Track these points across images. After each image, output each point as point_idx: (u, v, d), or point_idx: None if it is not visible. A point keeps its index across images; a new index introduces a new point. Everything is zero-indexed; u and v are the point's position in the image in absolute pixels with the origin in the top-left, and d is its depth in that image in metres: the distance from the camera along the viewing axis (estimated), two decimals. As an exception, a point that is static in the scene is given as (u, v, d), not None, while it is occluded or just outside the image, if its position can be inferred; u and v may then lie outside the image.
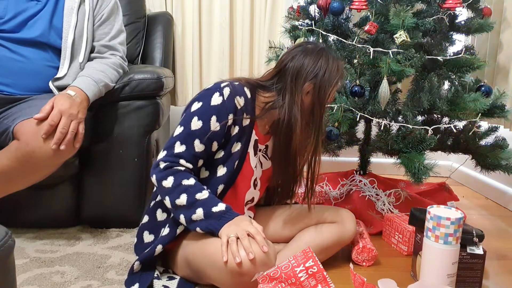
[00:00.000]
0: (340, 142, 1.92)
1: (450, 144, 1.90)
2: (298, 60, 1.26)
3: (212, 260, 1.13)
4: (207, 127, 1.19)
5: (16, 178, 1.36)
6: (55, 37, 1.54)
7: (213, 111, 1.20)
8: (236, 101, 1.22)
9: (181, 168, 1.19)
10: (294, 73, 1.25)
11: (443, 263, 1.23)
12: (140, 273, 1.23)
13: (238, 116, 1.23)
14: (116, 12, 1.68)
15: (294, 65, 1.26)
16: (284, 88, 1.26)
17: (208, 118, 1.19)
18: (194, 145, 1.20)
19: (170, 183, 1.17)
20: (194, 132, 1.19)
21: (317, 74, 1.25)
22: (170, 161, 1.19)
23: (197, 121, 1.20)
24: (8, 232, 0.73)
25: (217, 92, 1.21)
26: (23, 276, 1.32)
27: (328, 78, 1.26)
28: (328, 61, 1.26)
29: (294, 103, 1.25)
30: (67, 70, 1.53)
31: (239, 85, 1.26)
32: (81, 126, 1.37)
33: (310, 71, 1.25)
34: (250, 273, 1.07)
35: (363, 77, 1.74)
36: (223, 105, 1.20)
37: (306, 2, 1.98)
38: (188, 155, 1.20)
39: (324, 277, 1.11)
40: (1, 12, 1.51)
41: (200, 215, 1.16)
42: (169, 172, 1.18)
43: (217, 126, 1.20)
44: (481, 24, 1.82)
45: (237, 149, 1.25)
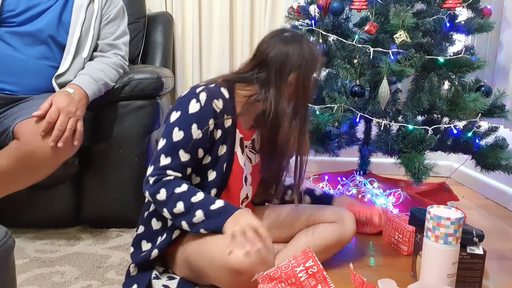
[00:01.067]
0: (340, 142, 1.92)
1: (450, 144, 1.90)
2: (280, 50, 1.22)
3: (211, 259, 1.12)
4: (189, 136, 1.18)
5: (16, 178, 1.36)
6: (63, 33, 1.56)
7: (192, 119, 1.18)
8: (214, 105, 1.20)
9: (170, 178, 1.18)
10: (278, 64, 1.22)
11: (443, 263, 1.23)
12: (138, 274, 1.24)
13: (217, 118, 1.21)
14: (122, 15, 1.71)
15: (277, 56, 1.22)
16: (268, 80, 1.23)
17: (188, 126, 1.18)
18: (179, 156, 1.18)
19: (164, 195, 1.16)
20: (177, 143, 1.18)
21: (301, 64, 1.22)
22: (157, 174, 1.17)
23: (178, 131, 1.18)
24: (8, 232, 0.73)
25: (193, 98, 1.19)
26: (23, 276, 1.32)
27: (311, 66, 1.24)
28: (307, 48, 1.24)
29: (280, 95, 1.22)
30: (69, 65, 1.53)
31: (215, 86, 1.23)
32: (79, 124, 1.37)
33: (294, 61, 1.22)
34: (248, 272, 1.07)
35: (363, 77, 1.74)
36: (201, 111, 1.18)
37: (306, 2, 1.98)
38: (174, 165, 1.18)
39: (324, 277, 1.11)
40: (14, 4, 1.53)
41: (200, 216, 1.15)
42: (160, 185, 1.17)
43: (199, 133, 1.18)
44: (481, 24, 1.82)
45: (224, 151, 1.24)
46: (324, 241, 1.37)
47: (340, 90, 1.84)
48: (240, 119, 1.29)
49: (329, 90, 1.83)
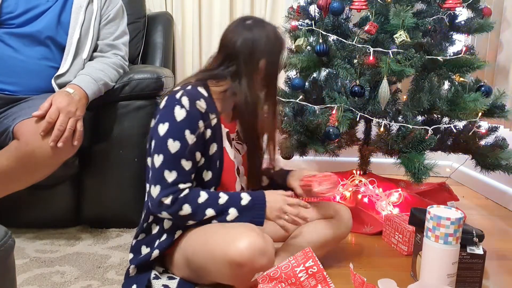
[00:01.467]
0: (340, 142, 1.92)
1: (450, 144, 1.90)
2: (246, 38, 1.22)
3: (212, 254, 1.13)
4: (185, 143, 1.16)
5: (16, 178, 1.36)
6: (62, 33, 1.56)
7: (183, 126, 1.17)
8: (198, 107, 1.19)
9: (186, 192, 1.17)
10: (246, 53, 1.21)
11: (443, 263, 1.23)
12: (137, 275, 1.24)
13: (204, 119, 1.21)
14: (122, 15, 1.71)
15: (244, 45, 1.21)
16: (239, 71, 1.23)
17: (182, 134, 1.16)
18: (183, 166, 1.17)
19: (189, 209, 1.16)
20: (177, 154, 1.16)
21: (268, 49, 1.23)
22: (171, 192, 1.16)
23: (173, 142, 1.16)
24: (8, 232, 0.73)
25: (177, 105, 1.17)
26: (23, 276, 1.32)
27: (278, 49, 1.26)
28: (273, 33, 1.25)
29: (253, 84, 1.23)
30: (69, 66, 1.53)
31: (193, 88, 1.22)
32: (79, 124, 1.37)
33: (262, 47, 1.22)
34: (249, 264, 1.08)
35: (363, 77, 1.74)
36: (189, 116, 1.17)
37: (306, 2, 1.98)
38: (182, 177, 1.17)
39: (324, 277, 1.11)
40: (12, 6, 1.53)
41: (234, 214, 1.18)
42: (180, 202, 1.16)
43: (193, 138, 1.17)
44: (481, 24, 1.82)
45: (215, 149, 1.25)
46: (321, 237, 1.37)
47: (340, 90, 1.84)
48: (223, 115, 1.30)
49: (329, 90, 1.83)
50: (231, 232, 1.13)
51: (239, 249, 1.08)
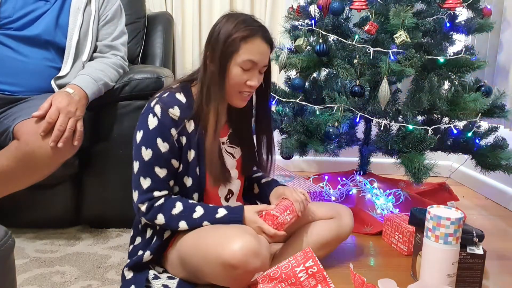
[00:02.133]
0: (340, 142, 1.92)
1: (450, 144, 1.90)
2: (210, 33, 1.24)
3: (205, 256, 1.13)
4: (157, 151, 1.17)
5: (16, 178, 1.36)
6: (61, 36, 1.55)
7: (155, 134, 1.17)
8: (171, 114, 1.18)
9: (161, 201, 1.19)
10: (204, 49, 1.23)
11: (443, 263, 1.23)
12: (134, 276, 1.24)
13: (178, 127, 1.19)
14: (120, 15, 1.70)
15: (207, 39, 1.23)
16: (202, 65, 1.23)
17: (154, 143, 1.17)
18: (156, 173, 1.18)
19: (162, 219, 1.19)
20: (149, 162, 1.18)
21: (211, 37, 1.21)
22: (146, 199, 1.18)
23: (146, 150, 1.18)
24: (8, 232, 0.73)
25: (150, 114, 1.18)
26: (23, 276, 1.32)
27: (222, 37, 1.18)
28: (227, 21, 1.20)
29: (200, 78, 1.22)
30: (70, 68, 1.53)
31: (169, 94, 1.21)
32: (79, 124, 1.37)
33: (209, 37, 1.22)
34: (242, 266, 1.07)
35: (363, 77, 1.74)
36: (160, 124, 1.17)
37: (306, 2, 1.98)
38: (156, 184, 1.19)
39: (324, 277, 1.11)
40: (10, 11, 1.52)
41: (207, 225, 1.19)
42: (154, 211, 1.19)
43: (166, 146, 1.18)
44: (481, 24, 1.82)
45: (193, 156, 1.23)
46: (322, 238, 1.36)
47: (340, 90, 1.84)
48: None
49: (329, 90, 1.83)
50: (225, 234, 1.13)
51: (232, 251, 1.07)
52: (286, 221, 1.22)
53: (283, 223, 1.21)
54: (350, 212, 1.42)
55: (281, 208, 1.24)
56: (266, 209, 1.23)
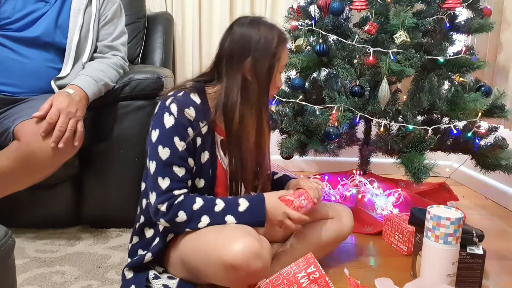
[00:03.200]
0: (340, 142, 1.92)
1: (450, 144, 1.90)
2: (231, 38, 1.18)
3: (206, 256, 1.12)
4: (175, 150, 1.15)
5: (17, 178, 1.36)
6: (61, 37, 1.55)
7: (172, 133, 1.16)
8: (186, 115, 1.17)
9: (181, 198, 1.16)
10: (228, 54, 1.17)
11: (443, 263, 1.23)
12: (134, 276, 1.23)
13: (193, 127, 1.18)
14: (120, 14, 1.70)
15: (228, 45, 1.18)
16: (223, 71, 1.19)
17: (171, 141, 1.15)
18: (175, 172, 1.16)
19: (184, 216, 1.15)
20: (167, 161, 1.15)
21: (251, 47, 1.16)
22: (166, 199, 1.15)
23: (163, 149, 1.15)
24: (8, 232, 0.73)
25: (165, 113, 1.16)
26: (23, 276, 1.32)
27: (264, 47, 1.16)
28: (260, 29, 1.16)
29: (231, 87, 1.17)
30: (70, 70, 1.53)
31: (184, 94, 1.19)
32: (79, 124, 1.37)
33: (244, 45, 1.16)
34: (243, 267, 1.06)
35: (363, 77, 1.74)
36: (177, 122, 1.16)
37: (306, 2, 1.98)
38: (175, 184, 1.16)
39: (326, 282, 1.10)
40: (9, 12, 1.52)
41: (232, 221, 1.16)
42: (175, 209, 1.15)
43: (183, 145, 1.16)
44: (481, 24, 1.82)
45: (206, 158, 1.23)
46: (322, 238, 1.36)
47: (340, 90, 1.84)
48: (218, 121, 1.25)
49: (329, 90, 1.83)
50: (226, 235, 1.11)
51: (233, 252, 1.06)
52: (302, 205, 1.23)
53: (299, 206, 1.22)
54: (350, 213, 1.42)
55: (296, 194, 1.25)
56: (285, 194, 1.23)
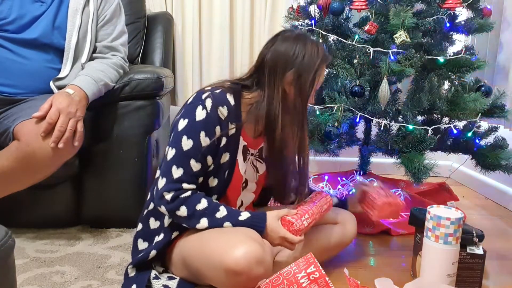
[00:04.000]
0: (340, 142, 1.92)
1: (450, 144, 1.90)
2: (276, 49, 1.19)
3: (208, 260, 1.12)
4: (198, 144, 1.15)
5: (17, 178, 1.36)
6: (59, 38, 1.54)
7: (200, 127, 1.16)
8: (219, 112, 1.17)
9: (188, 194, 1.16)
10: (271, 64, 1.19)
11: (443, 263, 1.23)
12: (136, 275, 1.23)
13: (222, 126, 1.18)
14: (119, 14, 1.69)
15: (272, 55, 1.19)
16: (263, 82, 1.20)
17: (197, 134, 1.15)
18: (190, 166, 1.16)
19: (185, 212, 1.15)
20: (187, 152, 1.15)
21: (295, 61, 1.18)
22: (173, 189, 1.15)
23: (187, 140, 1.15)
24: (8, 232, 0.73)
25: (199, 105, 1.16)
26: (23, 276, 1.32)
27: (308, 63, 1.18)
28: (306, 45, 1.19)
29: (273, 97, 1.19)
30: (69, 70, 1.53)
31: (221, 92, 1.20)
32: (79, 125, 1.37)
33: (288, 58, 1.18)
34: (245, 272, 1.06)
35: (363, 77, 1.74)
36: (208, 118, 1.16)
37: (306, 2, 1.98)
38: (187, 177, 1.16)
39: (326, 282, 1.10)
40: (6, 12, 1.51)
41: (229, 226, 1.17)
42: (178, 202, 1.15)
43: (208, 141, 1.16)
44: (481, 24, 1.82)
45: (226, 159, 1.23)
46: (326, 243, 1.37)
47: (340, 90, 1.84)
48: (245, 127, 1.26)
49: (329, 90, 1.83)
50: (229, 239, 1.11)
51: (235, 257, 1.06)
52: (303, 227, 1.20)
53: (298, 230, 1.19)
54: (354, 219, 1.43)
55: (299, 213, 1.22)
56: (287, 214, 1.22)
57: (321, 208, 1.29)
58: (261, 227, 1.17)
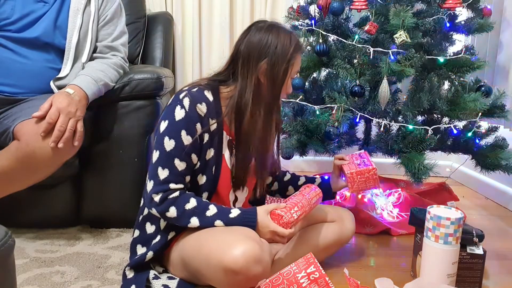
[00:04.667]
0: (340, 142, 1.92)
1: (450, 144, 1.90)
2: (248, 40, 1.21)
3: (207, 259, 1.12)
4: (180, 143, 1.17)
5: (17, 178, 1.36)
6: (60, 38, 1.55)
7: (180, 126, 1.17)
8: (198, 110, 1.18)
9: (176, 194, 1.17)
10: (245, 55, 1.21)
11: (443, 263, 1.23)
12: (134, 275, 1.23)
13: (203, 123, 1.20)
14: (120, 14, 1.70)
15: (245, 47, 1.21)
16: (238, 73, 1.22)
17: (178, 134, 1.17)
18: (175, 165, 1.17)
19: (174, 212, 1.17)
20: (171, 153, 1.17)
21: (268, 51, 1.19)
22: (161, 190, 1.17)
23: (169, 140, 1.17)
24: (8, 232, 0.73)
25: (178, 105, 1.18)
26: (23, 276, 1.32)
27: (281, 52, 1.20)
28: (279, 35, 1.20)
29: (246, 87, 1.20)
30: (70, 70, 1.53)
31: (198, 90, 1.21)
32: (79, 124, 1.37)
33: (261, 49, 1.19)
34: (243, 271, 1.07)
35: (363, 77, 1.74)
36: (187, 116, 1.17)
37: (306, 2, 1.98)
38: (174, 177, 1.17)
39: (326, 282, 1.10)
40: (8, 12, 1.51)
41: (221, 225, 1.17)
42: (167, 203, 1.17)
43: (190, 139, 1.17)
44: (481, 24, 1.82)
45: (212, 155, 1.24)
46: (324, 241, 1.37)
47: (340, 90, 1.84)
48: (227, 121, 1.27)
49: (329, 90, 1.83)
50: (227, 238, 1.12)
51: (233, 257, 1.06)
52: (293, 219, 1.21)
53: (288, 222, 1.20)
54: (352, 216, 1.43)
55: (288, 206, 1.23)
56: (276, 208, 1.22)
57: (311, 201, 1.28)
58: (253, 223, 1.18)
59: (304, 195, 1.29)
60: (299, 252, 1.32)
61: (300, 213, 1.23)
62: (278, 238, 1.19)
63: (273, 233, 1.19)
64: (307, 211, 1.26)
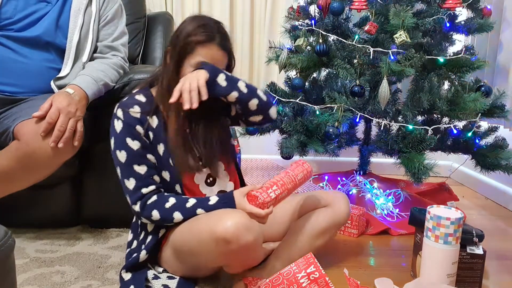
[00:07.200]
0: (340, 142, 1.92)
1: (450, 144, 1.90)
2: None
3: (199, 237, 1.14)
4: (130, 150, 1.22)
5: (17, 178, 1.36)
6: (61, 37, 1.55)
7: (124, 135, 1.23)
8: (132, 114, 1.24)
9: (154, 198, 1.22)
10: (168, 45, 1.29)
11: (443, 263, 1.24)
12: (132, 276, 1.24)
13: (142, 123, 1.24)
14: (121, 15, 1.70)
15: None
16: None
17: (124, 143, 1.23)
18: (136, 171, 1.22)
19: (157, 214, 1.21)
20: (127, 162, 1.23)
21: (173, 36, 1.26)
22: (137, 199, 1.22)
23: (120, 152, 1.23)
24: (8, 232, 0.73)
25: (114, 119, 1.25)
26: (23, 276, 1.32)
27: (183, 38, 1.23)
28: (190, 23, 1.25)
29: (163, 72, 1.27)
30: (70, 70, 1.53)
31: (128, 98, 1.28)
32: (79, 124, 1.37)
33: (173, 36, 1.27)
34: (235, 239, 1.08)
35: (363, 77, 1.74)
36: (125, 124, 1.23)
37: (306, 2, 1.98)
38: (141, 182, 1.22)
39: (326, 282, 1.10)
40: (11, 12, 1.52)
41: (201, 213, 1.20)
42: (149, 209, 1.21)
43: (137, 143, 1.23)
44: (481, 24, 1.82)
45: (162, 150, 1.27)
46: (318, 227, 1.33)
47: (340, 90, 1.85)
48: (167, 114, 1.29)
49: (329, 90, 1.83)
50: (217, 214, 1.15)
51: (224, 226, 1.09)
52: (269, 199, 1.18)
53: (263, 203, 1.18)
54: (345, 198, 1.38)
55: (266, 186, 1.21)
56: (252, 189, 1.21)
57: (296, 177, 1.26)
58: (233, 207, 1.20)
59: (287, 172, 1.27)
60: (295, 241, 1.31)
61: (280, 191, 1.21)
62: (256, 219, 1.19)
63: (250, 215, 1.18)
64: (290, 188, 1.24)
